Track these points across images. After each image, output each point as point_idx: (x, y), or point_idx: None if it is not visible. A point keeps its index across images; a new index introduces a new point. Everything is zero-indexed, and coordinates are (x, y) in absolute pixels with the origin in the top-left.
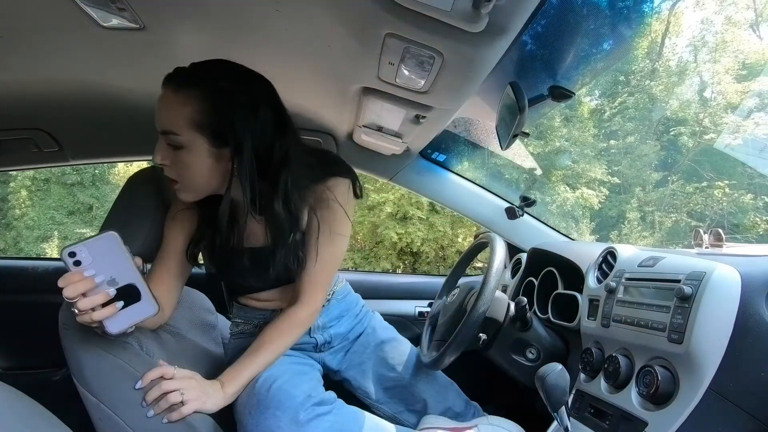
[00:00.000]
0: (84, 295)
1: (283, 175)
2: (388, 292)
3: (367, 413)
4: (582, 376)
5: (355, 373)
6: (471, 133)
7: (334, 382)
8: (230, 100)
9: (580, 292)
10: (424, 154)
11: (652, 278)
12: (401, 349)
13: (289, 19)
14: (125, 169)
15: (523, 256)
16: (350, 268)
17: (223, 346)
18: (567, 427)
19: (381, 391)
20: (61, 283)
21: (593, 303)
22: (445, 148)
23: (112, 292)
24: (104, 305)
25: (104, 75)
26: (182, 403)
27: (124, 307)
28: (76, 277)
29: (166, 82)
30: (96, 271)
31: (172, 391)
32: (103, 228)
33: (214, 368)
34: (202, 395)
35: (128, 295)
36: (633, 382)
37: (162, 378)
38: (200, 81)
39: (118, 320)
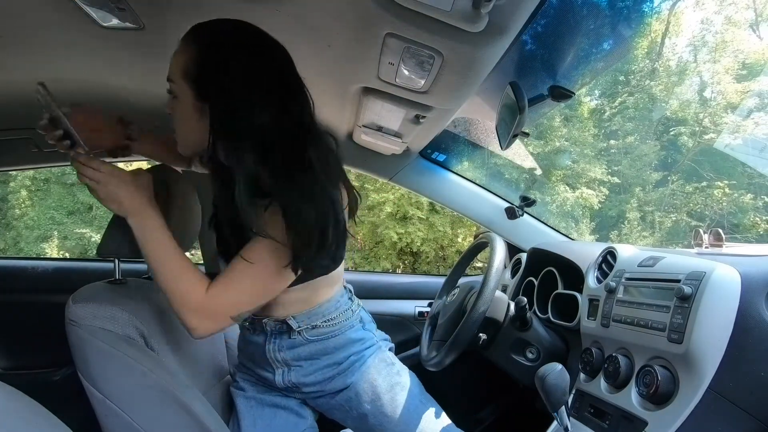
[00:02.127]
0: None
1: (273, 153)
2: (388, 292)
3: None
4: (582, 376)
5: (336, 425)
6: (471, 133)
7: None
8: (223, 56)
9: (580, 292)
10: (424, 154)
11: (652, 278)
12: (386, 422)
13: (289, 20)
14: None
15: (523, 256)
16: (350, 268)
17: (226, 345)
18: (567, 426)
19: None
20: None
21: (593, 303)
22: (445, 148)
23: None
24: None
25: (104, 75)
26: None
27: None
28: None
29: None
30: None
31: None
32: (110, 226)
33: (218, 366)
34: (110, 198)
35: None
36: (633, 382)
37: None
38: (204, 34)
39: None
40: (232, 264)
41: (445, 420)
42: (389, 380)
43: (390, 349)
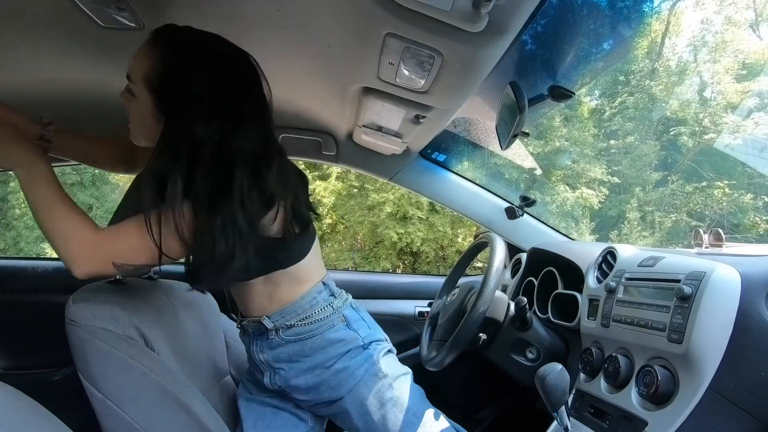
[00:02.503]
0: None
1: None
2: (388, 292)
3: None
4: (582, 376)
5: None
6: (471, 133)
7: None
8: (189, 73)
9: (580, 292)
10: (424, 153)
11: (652, 278)
12: None
13: (289, 20)
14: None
15: (523, 256)
16: (350, 268)
17: (226, 345)
18: (567, 426)
19: None
20: None
21: (593, 303)
22: (445, 148)
23: None
24: None
25: (104, 75)
26: None
27: None
28: None
29: (151, 32)
30: None
31: None
32: (112, 223)
33: (218, 366)
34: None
35: None
36: (633, 382)
37: None
38: (170, 42)
39: None
40: (135, 216)
41: (443, 423)
42: (380, 396)
43: (389, 351)
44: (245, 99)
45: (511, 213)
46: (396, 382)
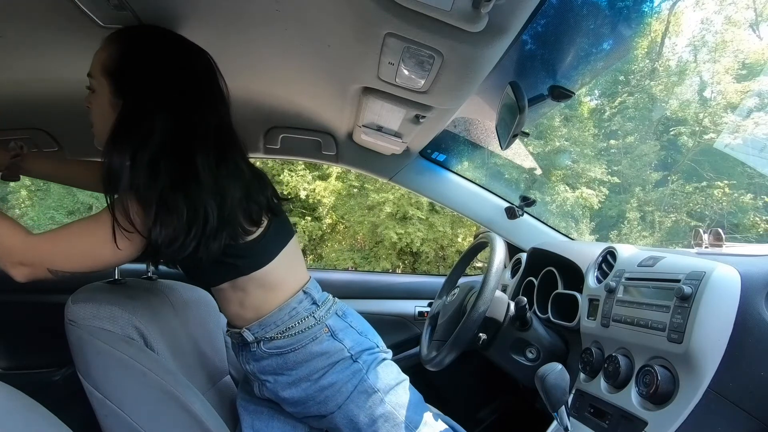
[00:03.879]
0: None
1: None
2: (388, 292)
3: None
4: (582, 375)
5: None
6: (471, 133)
7: None
8: (143, 57)
9: (580, 291)
10: (424, 153)
11: (652, 278)
12: None
13: (289, 20)
14: None
15: (523, 256)
16: (350, 268)
17: (226, 345)
18: (567, 426)
19: None
20: None
21: (593, 303)
22: (445, 148)
23: None
24: None
25: None
26: None
27: None
28: None
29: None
30: None
31: None
32: None
33: (217, 367)
34: None
35: None
36: (633, 382)
37: None
38: (126, 34)
39: None
40: (71, 222)
41: (440, 425)
42: (371, 413)
43: (384, 359)
44: (198, 90)
45: (511, 213)
46: (388, 396)
